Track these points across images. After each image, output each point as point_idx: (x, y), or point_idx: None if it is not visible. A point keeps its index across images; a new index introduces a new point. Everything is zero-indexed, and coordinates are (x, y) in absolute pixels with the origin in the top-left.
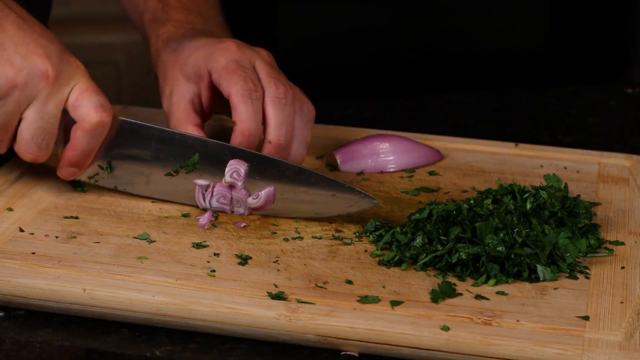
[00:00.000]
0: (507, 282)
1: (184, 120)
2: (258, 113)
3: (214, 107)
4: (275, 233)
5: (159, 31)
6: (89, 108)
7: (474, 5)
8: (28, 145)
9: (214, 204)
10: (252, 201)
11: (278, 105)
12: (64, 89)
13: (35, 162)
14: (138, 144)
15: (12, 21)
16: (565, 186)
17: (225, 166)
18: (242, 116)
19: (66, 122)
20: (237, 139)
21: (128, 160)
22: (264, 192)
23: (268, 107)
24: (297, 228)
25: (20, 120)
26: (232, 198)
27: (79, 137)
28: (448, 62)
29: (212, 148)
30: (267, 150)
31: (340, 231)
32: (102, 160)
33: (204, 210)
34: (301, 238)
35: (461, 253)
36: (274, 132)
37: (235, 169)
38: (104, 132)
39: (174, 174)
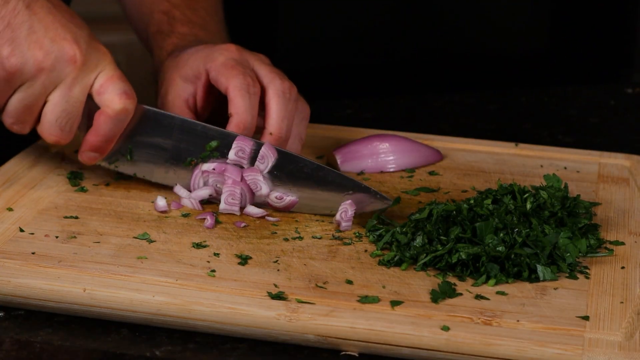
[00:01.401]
0: (507, 282)
1: None
2: (254, 107)
3: (207, 108)
4: (275, 233)
5: (163, 43)
6: (113, 94)
7: (474, 6)
8: (52, 127)
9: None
10: (275, 201)
11: (282, 99)
12: (91, 75)
13: (58, 145)
14: (159, 133)
15: (42, 5)
16: (565, 186)
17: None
18: (239, 109)
19: (90, 107)
20: (232, 130)
21: (149, 148)
22: (289, 198)
23: (272, 100)
24: (297, 228)
25: (45, 103)
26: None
27: (101, 123)
28: (448, 62)
29: (232, 140)
30: (267, 141)
31: (340, 231)
32: (124, 146)
33: (203, 206)
34: (301, 238)
35: (461, 253)
36: (276, 125)
37: (241, 147)
38: (126, 119)
39: (193, 163)
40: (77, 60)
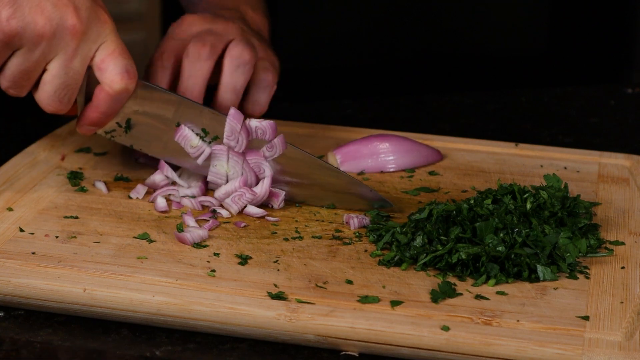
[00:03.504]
0: (507, 282)
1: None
2: (202, 74)
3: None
4: (275, 233)
5: (194, 10)
6: (114, 73)
7: (474, 6)
8: (50, 98)
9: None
10: (268, 153)
11: (232, 65)
12: (91, 46)
13: (56, 114)
14: (158, 110)
15: None
16: (565, 186)
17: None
18: (183, 75)
19: (90, 74)
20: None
21: (147, 122)
22: (277, 140)
23: (224, 65)
24: (297, 228)
25: (44, 71)
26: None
27: (101, 100)
28: (448, 63)
29: (223, 120)
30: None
31: (340, 231)
32: (121, 118)
33: (204, 208)
34: (301, 238)
35: (461, 253)
36: (222, 89)
37: (263, 129)
38: (127, 97)
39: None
40: (77, 31)
